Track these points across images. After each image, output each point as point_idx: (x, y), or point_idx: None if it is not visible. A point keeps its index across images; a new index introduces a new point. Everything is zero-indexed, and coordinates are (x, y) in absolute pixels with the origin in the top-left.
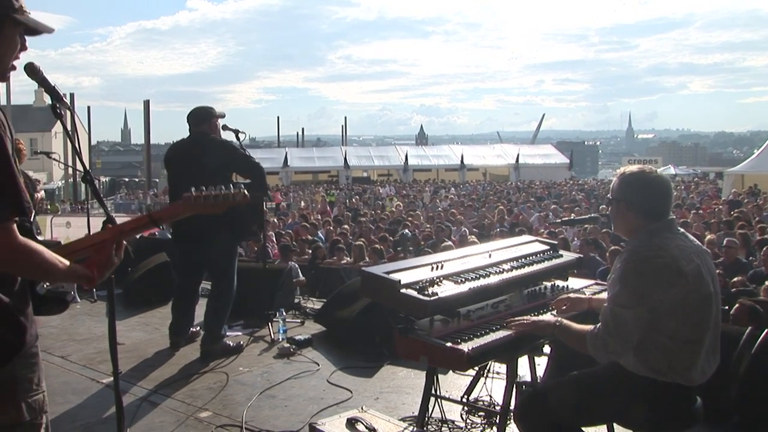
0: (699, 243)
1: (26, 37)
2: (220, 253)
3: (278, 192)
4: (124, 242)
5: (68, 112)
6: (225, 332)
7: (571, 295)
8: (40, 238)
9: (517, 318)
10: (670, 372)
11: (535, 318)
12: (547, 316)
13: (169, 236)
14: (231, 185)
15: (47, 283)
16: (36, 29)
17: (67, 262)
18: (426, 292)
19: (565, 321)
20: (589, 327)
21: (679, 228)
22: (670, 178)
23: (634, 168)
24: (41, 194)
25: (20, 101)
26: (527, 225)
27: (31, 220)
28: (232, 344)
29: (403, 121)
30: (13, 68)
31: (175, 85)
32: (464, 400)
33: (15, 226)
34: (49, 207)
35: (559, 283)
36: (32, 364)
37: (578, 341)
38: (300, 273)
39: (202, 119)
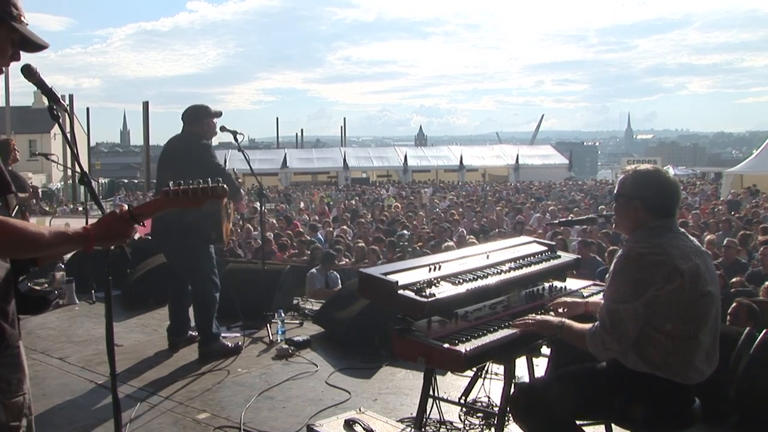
0: (698, 243)
1: (21, 53)
2: (182, 254)
3: (316, 192)
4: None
5: (66, 114)
6: (219, 331)
7: (568, 299)
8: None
9: (521, 318)
10: (666, 368)
11: (539, 317)
12: (552, 317)
13: None
14: (209, 179)
15: (37, 280)
16: (30, 40)
17: (53, 228)
18: (423, 294)
19: (568, 321)
20: (589, 325)
21: (679, 228)
22: None
23: (649, 166)
24: (26, 195)
25: (19, 102)
26: (526, 225)
27: (11, 212)
28: (230, 345)
29: (402, 122)
30: (0, 72)
31: (174, 86)
32: (462, 401)
33: None
34: (47, 208)
35: (557, 283)
36: (12, 365)
37: (580, 340)
38: (339, 281)
39: (195, 119)
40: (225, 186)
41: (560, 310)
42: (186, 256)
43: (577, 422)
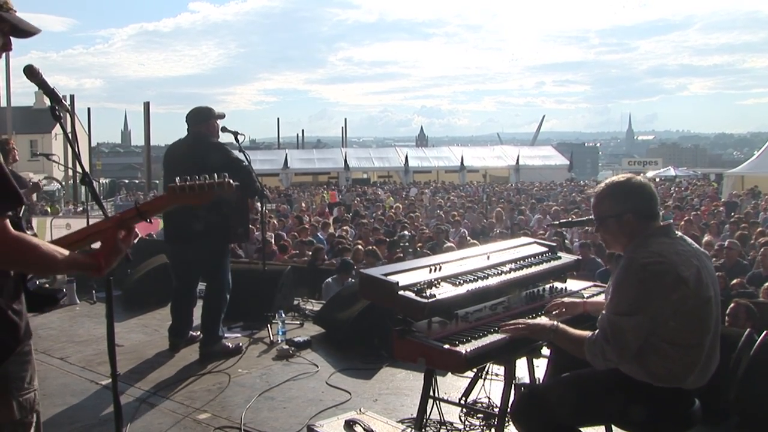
0: (697, 246)
1: (20, 40)
2: (208, 253)
3: (334, 192)
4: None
5: (67, 115)
6: (223, 333)
7: (566, 299)
8: (29, 232)
9: (512, 321)
10: (669, 377)
11: (530, 321)
12: (544, 320)
13: None
14: (216, 174)
15: (40, 279)
16: (20, 28)
17: (67, 252)
18: (424, 294)
19: (562, 326)
20: (587, 333)
21: (676, 232)
22: (668, 180)
23: (619, 178)
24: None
25: (21, 103)
26: (527, 227)
27: (20, 215)
28: (231, 346)
29: (403, 123)
30: None
31: (176, 86)
32: (462, 401)
33: (7, 220)
34: (49, 209)
35: (558, 284)
36: (24, 362)
37: (576, 347)
38: None
39: (201, 120)
40: (231, 181)
41: (556, 311)
42: (211, 256)
43: (579, 426)
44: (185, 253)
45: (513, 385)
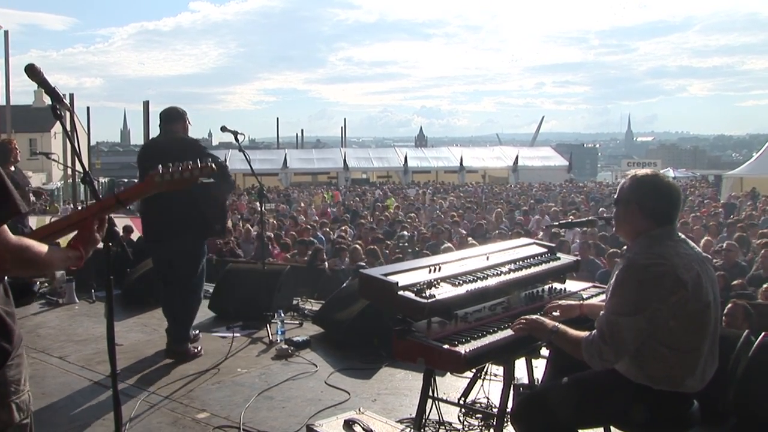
0: (699, 250)
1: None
2: (185, 252)
3: (338, 192)
4: (107, 223)
5: (68, 113)
6: (191, 335)
7: (562, 302)
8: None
9: (520, 319)
10: (667, 380)
11: (534, 318)
12: (546, 320)
13: None
14: (198, 159)
15: (40, 278)
16: None
17: (46, 247)
18: (423, 295)
19: (563, 327)
20: (585, 333)
21: (679, 234)
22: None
23: (648, 171)
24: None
25: (20, 101)
26: (526, 227)
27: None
28: (196, 350)
29: (403, 123)
30: None
31: (175, 86)
32: (461, 402)
33: (6, 226)
34: (48, 208)
35: (557, 285)
36: (18, 365)
37: (574, 347)
38: None
39: (175, 118)
40: (213, 165)
41: (554, 313)
42: (191, 250)
43: (578, 428)
44: (163, 252)
45: (512, 386)
